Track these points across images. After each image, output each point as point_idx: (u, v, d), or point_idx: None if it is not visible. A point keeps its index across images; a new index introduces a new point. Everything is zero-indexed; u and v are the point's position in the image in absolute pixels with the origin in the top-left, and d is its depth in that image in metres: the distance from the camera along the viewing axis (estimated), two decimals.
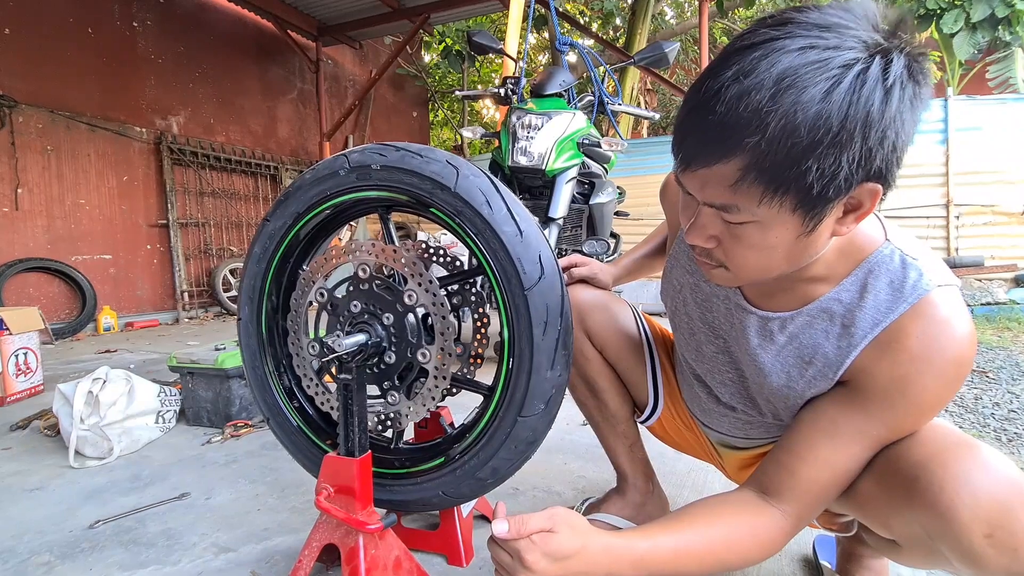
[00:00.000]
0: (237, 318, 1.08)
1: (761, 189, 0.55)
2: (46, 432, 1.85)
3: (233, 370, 1.84)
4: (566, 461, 1.54)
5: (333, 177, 0.92)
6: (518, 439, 0.87)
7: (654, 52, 2.26)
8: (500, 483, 0.93)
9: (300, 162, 6.81)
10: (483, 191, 0.85)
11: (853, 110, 0.50)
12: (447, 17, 6.71)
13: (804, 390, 0.72)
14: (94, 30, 4.81)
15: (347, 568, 0.86)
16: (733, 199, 0.57)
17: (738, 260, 0.63)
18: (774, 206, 0.55)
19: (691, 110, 0.57)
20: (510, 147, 2.14)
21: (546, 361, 0.84)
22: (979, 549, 0.57)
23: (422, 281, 0.87)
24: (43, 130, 4.44)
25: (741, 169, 0.54)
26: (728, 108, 0.53)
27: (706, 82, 0.55)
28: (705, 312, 0.84)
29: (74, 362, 3.33)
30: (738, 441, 0.93)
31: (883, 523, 0.69)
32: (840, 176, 0.53)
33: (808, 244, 0.60)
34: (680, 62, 10.30)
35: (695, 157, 0.57)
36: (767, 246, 0.60)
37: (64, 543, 1.18)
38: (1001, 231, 4.92)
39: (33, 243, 4.41)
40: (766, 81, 0.51)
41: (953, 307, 0.62)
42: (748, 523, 0.68)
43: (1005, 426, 1.89)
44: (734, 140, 0.53)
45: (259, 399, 1.08)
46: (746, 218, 0.58)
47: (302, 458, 1.06)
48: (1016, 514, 0.56)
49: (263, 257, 1.02)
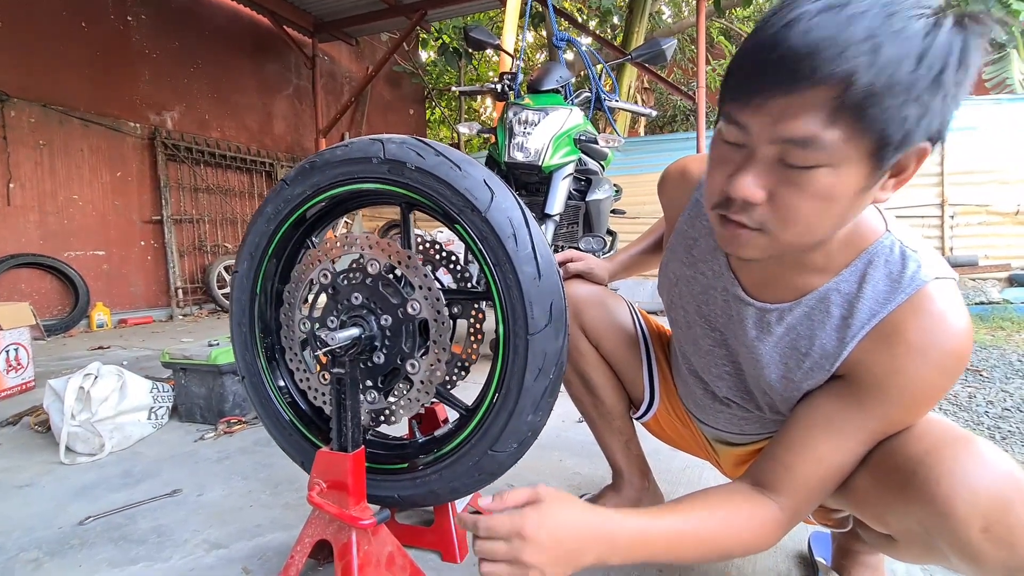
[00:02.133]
0: (234, 271, 1.06)
1: (852, 122, 0.50)
2: (37, 428, 1.83)
3: (226, 366, 1.82)
4: (561, 458, 1.53)
5: (365, 162, 0.89)
6: (482, 469, 0.89)
7: (651, 49, 2.26)
8: (454, 499, 0.96)
9: (296, 159, 6.77)
10: (513, 223, 0.83)
11: (952, 58, 0.49)
12: (444, 13, 6.69)
13: (801, 382, 0.71)
14: (88, 24, 4.76)
15: (339, 564, 0.85)
16: (819, 131, 0.51)
17: (791, 214, 0.56)
18: (853, 146, 0.51)
19: (781, 29, 0.51)
20: (507, 143, 2.13)
21: (531, 405, 0.85)
22: (976, 543, 0.57)
23: (429, 296, 0.85)
24: (36, 125, 4.40)
25: (836, 97, 0.49)
26: (837, 25, 0.49)
27: (783, 10, 0.51)
28: (702, 305, 0.83)
29: (66, 358, 3.30)
30: (733, 437, 0.93)
31: (879, 518, 0.68)
32: (923, 124, 0.50)
33: (861, 203, 0.57)
34: (677, 61, 10.30)
35: (783, 80, 0.51)
36: (831, 196, 0.55)
37: (53, 540, 1.16)
38: (995, 231, 4.95)
39: (25, 239, 4.36)
40: (876, 4, 0.49)
41: (950, 300, 0.61)
42: (746, 512, 0.68)
43: (999, 424, 1.89)
44: (840, 59, 0.48)
45: (239, 357, 1.07)
46: (820, 159, 0.52)
47: (262, 412, 1.07)
48: (1014, 508, 0.56)
49: (274, 218, 0.99)
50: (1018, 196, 4.84)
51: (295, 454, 1.05)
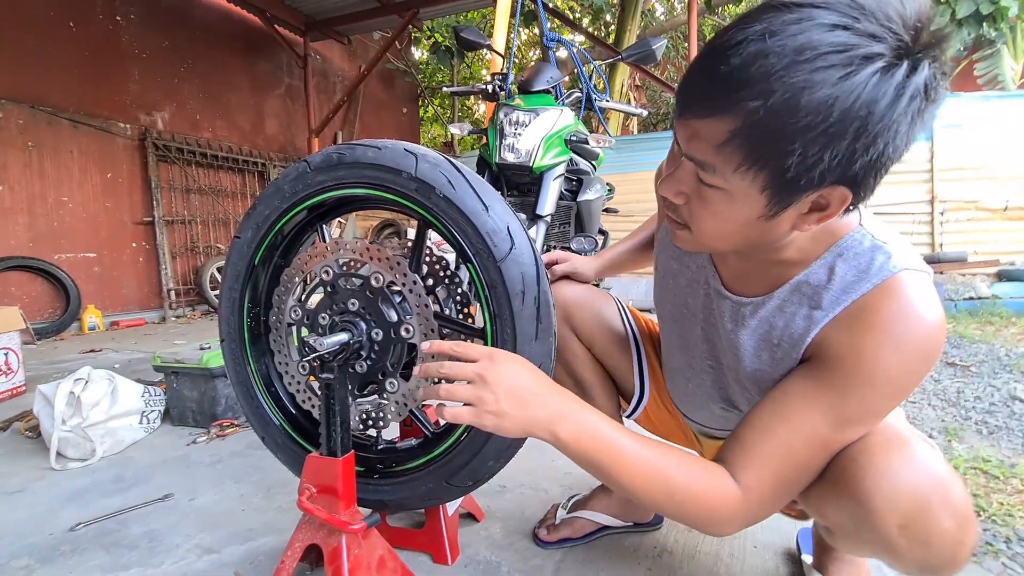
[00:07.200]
0: (235, 236, 1.03)
1: (742, 157, 0.54)
2: (27, 434, 1.82)
3: (218, 369, 1.82)
4: (553, 458, 1.54)
5: (394, 173, 0.86)
6: (432, 495, 0.92)
7: (642, 49, 2.26)
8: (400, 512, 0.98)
9: (288, 158, 6.74)
10: (525, 281, 0.82)
11: (856, 106, 0.48)
12: (436, 12, 6.66)
13: (773, 372, 0.72)
14: (76, 24, 4.71)
15: (330, 568, 0.86)
16: (714, 159, 0.56)
17: (699, 223, 0.63)
18: (747, 179, 0.55)
19: (708, 54, 0.54)
20: (497, 144, 2.13)
21: (495, 453, 0.87)
22: (894, 539, 0.60)
23: (424, 325, 0.85)
24: (24, 126, 4.36)
25: (731, 131, 0.53)
26: (743, 63, 0.50)
27: (732, 30, 0.53)
28: (688, 298, 0.85)
29: (57, 362, 3.28)
30: (718, 432, 0.96)
31: (818, 510, 0.71)
32: (817, 169, 0.52)
33: (766, 229, 0.60)
34: (670, 58, 10.32)
35: (694, 104, 0.56)
36: (727, 218, 0.60)
37: (44, 546, 1.16)
38: (984, 227, 4.98)
39: (15, 241, 4.32)
40: (788, 47, 0.49)
41: (920, 290, 0.61)
42: (699, 467, 0.66)
43: (986, 419, 1.91)
44: (736, 97, 0.51)
45: (223, 319, 1.07)
46: (718, 183, 0.57)
47: (231, 367, 1.08)
48: (931, 509, 0.59)
49: (291, 197, 0.96)
50: (1007, 192, 4.87)
51: (258, 427, 1.07)
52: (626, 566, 1.05)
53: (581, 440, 0.65)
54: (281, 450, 1.05)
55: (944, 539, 0.59)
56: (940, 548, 0.60)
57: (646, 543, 1.13)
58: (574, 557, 1.08)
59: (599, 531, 1.14)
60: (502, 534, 1.17)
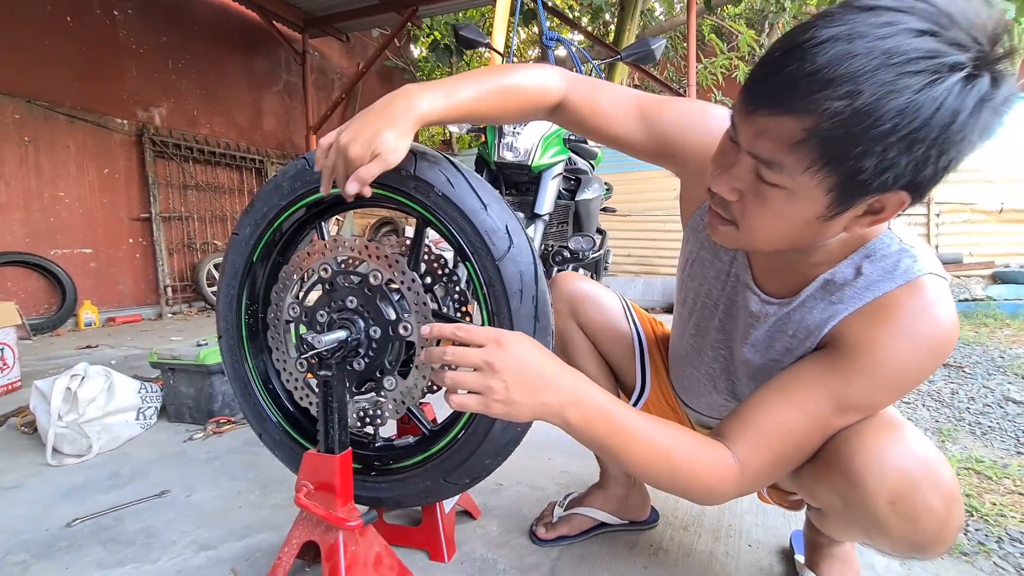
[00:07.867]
0: (233, 232, 1.04)
1: (815, 157, 0.52)
2: (23, 429, 1.82)
3: (215, 366, 1.82)
4: (550, 456, 1.55)
5: (393, 170, 0.83)
6: (429, 492, 0.94)
7: (641, 49, 2.27)
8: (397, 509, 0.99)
9: (286, 155, 6.72)
10: (523, 280, 0.82)
11: (940, 114, 0.48)
12: (436, 10, 6.64)
13: (784, 361, 0.74)
14: (73, 18, 4.69)
15: (327, 565, 0.86)
16: (784, 157, 0.54)
17: (752, 221, 0.61)
18: (815, 179, 0.54)
19: (786, 51, 0.52)
20: (496, 142, 2.13)
21: (492, 451, 0.88)
22: (883, 515, 0.62)
23: (422, 322, 0.85)
24: (20, 121, 4.33)
25: (807, 130, 0.51)
26: (828, 62, 0.49)
27: (813, 29, 0.51)
28: (713, 288, 0.85)
29: (53, 358, 3.27)
30: (715, 423, 0.96)
31: (809, 490, 0.73)
32: (891, 173, 0.51)
33: (821, 230, 0.60)
34: (670, 58, 10.31)
35: (768, 101, 0.54)
36: (786, 217, 0.59)
37: (40, 542, 1.16)
38: (979, 229, 5.01)
39: (11, 236, 4.30)
40: (877, 50, 0.48)
41: (940, 295, 0.63)
42: (699, 444, 0.68)
43: (980, 419, 1.93)
44: (818, 97, 0.50)
45: (220, 315, 1.07)
46: (782, 182, 0.56)
47: (229, 364, 1.07)
48: (919, 487, 0.61)
49: (290, 194, 0.96)
50: (1002, 195, 4.91)
51: (255, 424, 1.07)
52: (622, 563, 1.06)
53: (591, 424, 0.66)
54: (278, 447, 1.05)
55: (931, 516, 0.62)
56: (927, 524, 0.62)
57: (642, 540, 1.14)
58: (571, 554, 1.09)
59: (596, 528, 1.15)
60: (499, 531, 1.17)
